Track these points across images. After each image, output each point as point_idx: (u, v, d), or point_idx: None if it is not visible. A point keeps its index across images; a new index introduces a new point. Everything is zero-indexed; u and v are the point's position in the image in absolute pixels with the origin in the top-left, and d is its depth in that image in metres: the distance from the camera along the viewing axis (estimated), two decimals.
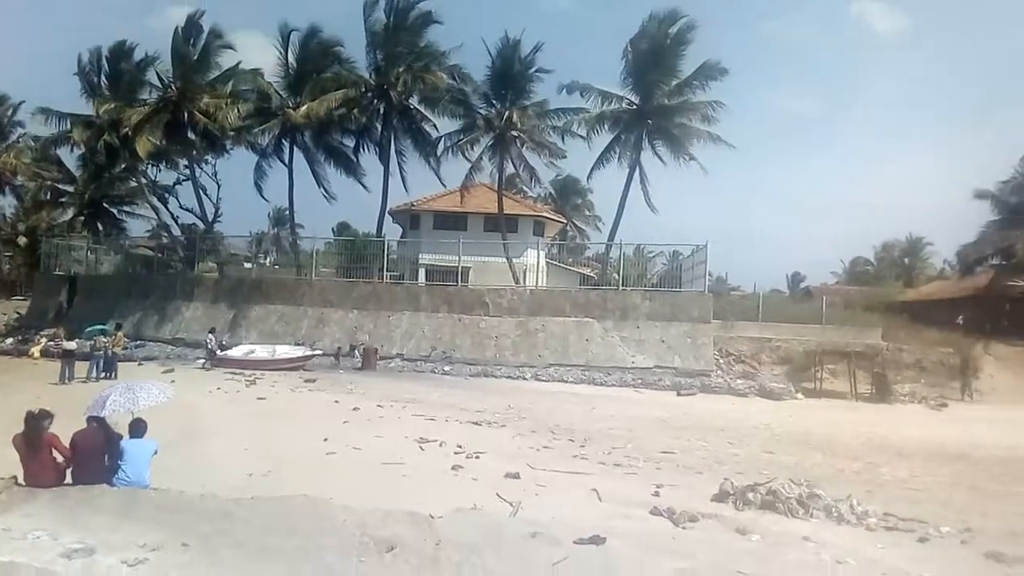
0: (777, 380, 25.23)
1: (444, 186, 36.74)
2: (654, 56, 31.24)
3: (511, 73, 31.50)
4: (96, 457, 8.13)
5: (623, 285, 28.81)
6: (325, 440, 12.64)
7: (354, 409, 16.48)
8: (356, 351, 26.61)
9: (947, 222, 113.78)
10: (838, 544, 7.56)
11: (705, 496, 9.69)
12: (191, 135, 34.06)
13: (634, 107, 32.75)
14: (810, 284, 70.16)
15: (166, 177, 39.43)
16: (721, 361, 26.70)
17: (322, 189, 36.05)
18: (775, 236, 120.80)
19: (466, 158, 33.30)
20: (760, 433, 16.97)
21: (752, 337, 28.16)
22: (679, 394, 23.62)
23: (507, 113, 31.52)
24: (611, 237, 34.01)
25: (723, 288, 59.19)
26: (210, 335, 26.04)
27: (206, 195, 36.65)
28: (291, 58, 34.11)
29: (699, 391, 24.05)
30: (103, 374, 21.47)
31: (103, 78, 34.28)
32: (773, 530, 7.98)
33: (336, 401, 17.91)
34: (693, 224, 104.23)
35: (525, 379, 25.42)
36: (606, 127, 33.35)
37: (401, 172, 35.53)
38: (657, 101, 32.15)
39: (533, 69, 31.67)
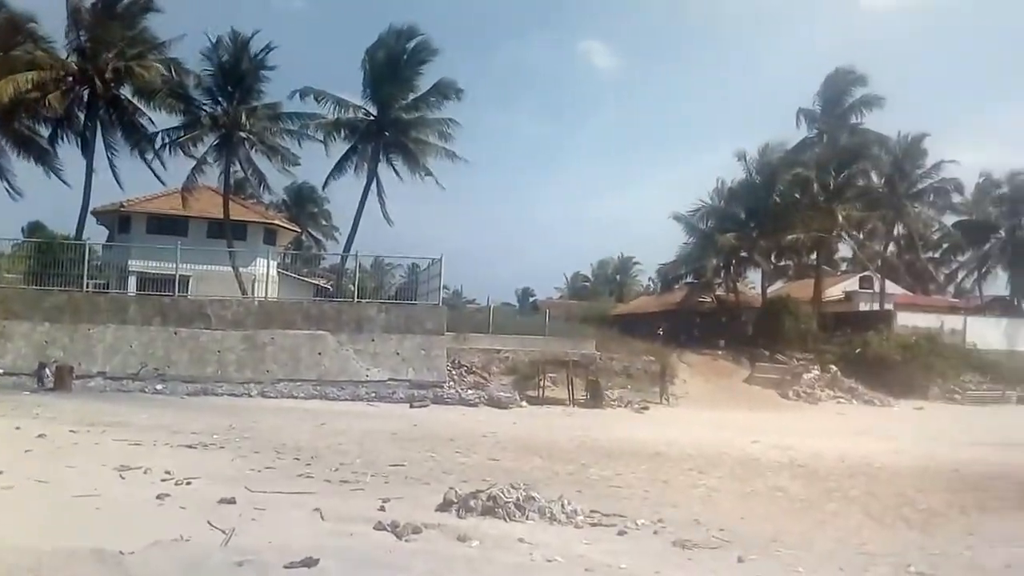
0: (505, 389, 26.42)
1: (164, 186, 33.70)
2: (391, 69, 31.50)
3: (239, 71, 29.80)
4: None
5: (359, 297, 28.44)
6: (0, 473, 10.73)
7: (39, 436, 14.22)
8: (47, 369, 23.25)
9: (653, 243, 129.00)
10: (550, 543, 7.95)
11: (430, 506, 9.72)
12: None
13: (371, 118, 32.66)
14: (537, 298, 75.20)
15: None
16: (454, 372, 27.37)
17: (5, 183, 31.30)
18: (509, 251, 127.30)
19: (191, 156, 30.91)
20: (487, 441, 17.55)
21: (483, 348, 29.26)
22: (412, 406, 23.75)
23: (234, 112, 29.73)
24: (347, 248, 33.59)
25: (458, 301, 61.05)
26: None
27: None
28: None
29: (432, 403, 24.36)
30: None
31: None
32: (492, 534, 8.20)
33: (17, 428, 15.31)
34: (433, 237, 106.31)
35: (251, 396, 23.97)
36: (343, 136, 32.90)
37: (112, 169, 32.04)
38: (394, 114, 32.42)
39: (264, 68, 30.29)
